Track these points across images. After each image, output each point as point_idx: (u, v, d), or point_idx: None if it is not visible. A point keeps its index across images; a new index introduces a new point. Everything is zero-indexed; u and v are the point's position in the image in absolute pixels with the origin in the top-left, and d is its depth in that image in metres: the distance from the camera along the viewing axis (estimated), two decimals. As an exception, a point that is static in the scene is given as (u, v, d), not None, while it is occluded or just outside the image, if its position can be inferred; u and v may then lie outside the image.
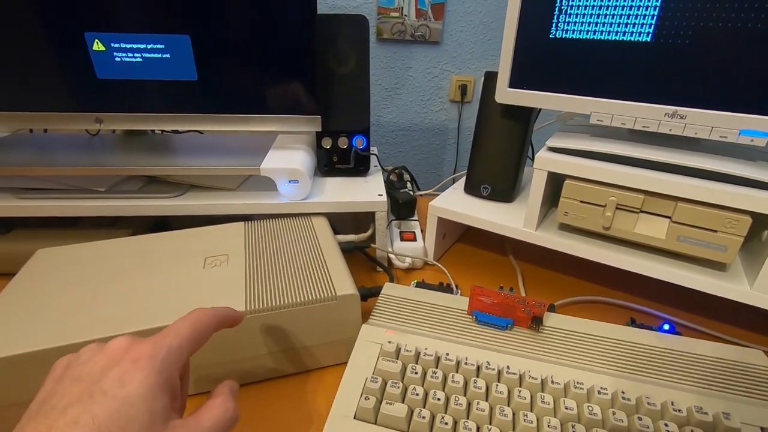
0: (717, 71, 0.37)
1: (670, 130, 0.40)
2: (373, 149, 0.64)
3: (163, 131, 0.66)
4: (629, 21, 0.39)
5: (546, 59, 0.44)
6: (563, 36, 0.43)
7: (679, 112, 0.40)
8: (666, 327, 0.44)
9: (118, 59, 0.48)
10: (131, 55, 0.48)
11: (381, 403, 0.32)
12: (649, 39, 0.39)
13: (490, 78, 0.52)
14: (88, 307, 0.36)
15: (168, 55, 0.49)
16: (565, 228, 0.49)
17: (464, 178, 0.60)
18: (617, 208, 0.43)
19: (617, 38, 0.40)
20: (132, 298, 0.37)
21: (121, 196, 0.51)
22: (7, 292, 0.38)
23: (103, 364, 0.23)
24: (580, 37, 0.42)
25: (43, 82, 0.49)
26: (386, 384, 0.33)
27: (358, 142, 0.58)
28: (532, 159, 0.64)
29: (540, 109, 0.55)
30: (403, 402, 0.32)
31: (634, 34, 0.39)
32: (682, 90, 0.39)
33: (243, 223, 0.49)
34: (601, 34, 0.41)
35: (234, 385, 0.28)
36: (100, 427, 0.20)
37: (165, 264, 0.41)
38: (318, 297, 0.37)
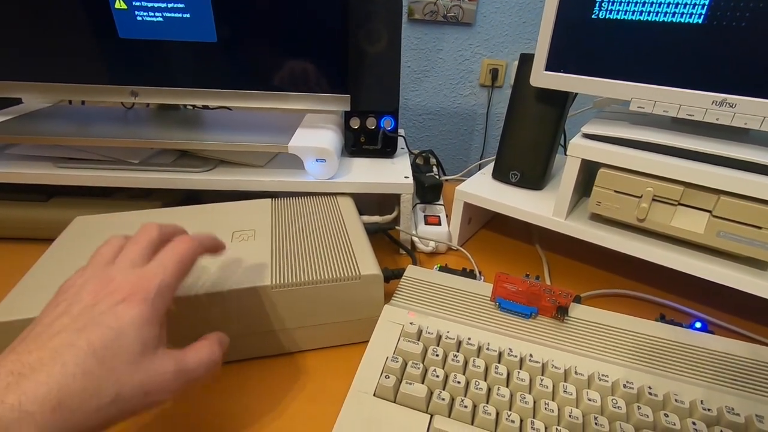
0: (773, 57, 0.35)
1: (718, 119, 0.38)
2: (401, 131, 0.63)
3: (194, 107, 0.67)
4: (681, 1, 0.37)
5: (586, 41, 0.42)
6: (607, 17, 0.41)
7: (728, 100, 0.37)
8: (698, 325, 0.43)
9: (139, 18, 0.49)
10: (152, 14, 0.48)
11: (401, 382, 0.32)
12: (701, 21, 0.37)
13: (526, 60, 0.50)
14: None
15: (188, 15, 0.49)
16: (597, 218, 0.48)
17: (492, 164, 0.59)
18: (654, 200, 0.41)
19: (666, 20, 0.38)
20: (163, 267, 0.38)
21: (154, 169, 0.52)
22: (47, 256, 0.40)
23: (95, 297, 0.24)
24: (626, 18, 0.40)
25: (68, 43, 0.50)
26: (407, 364, 0.34)
27: (386, 123, 0.57)
28: (564, 147, 0.62)
29: (576, 95, 0.53)
30: (423, 383, 0.33)
31: (684, 15, 0.37)
32: (734, 76, 0.37)
33: (270, 199, 0.50)
34: (649, 15, 0.39)
35: (224, 337, 0.29)
36: (95, 351, 0.22)
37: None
38: (342, 275, 0.37)
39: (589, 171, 0.48)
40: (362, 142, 0.58)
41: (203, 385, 0.29)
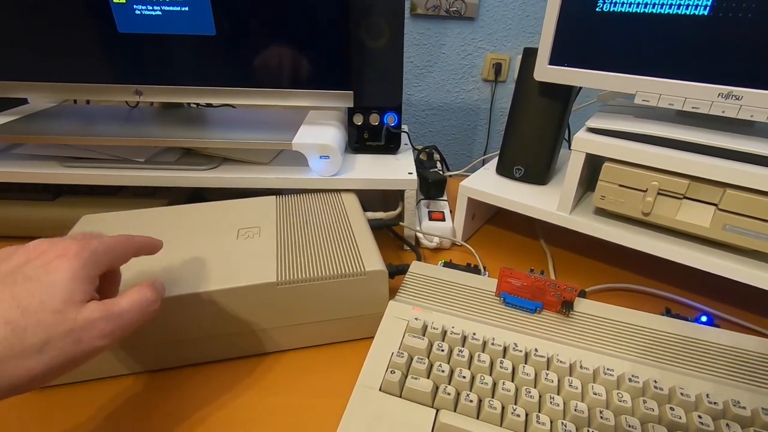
0: (780, 48, 0.35)
1: (723, 111, 0.38)
2: (404, 127, 0.63)
3: (197, 105, 0.68)
4: (686, -7, 0.37)
5: (591, 34, 0.42)
6: (611, 9, 0.40)
7: (734, 92, 0.37)
8: (704, 319, 0.43)
9: (138, 12, 0.49)
10: (150, 7, 0.48)
11: (406, 377, 0.33)
12: (706, 12, 0.36)
13: (530, 54, 0.50)
14: (127, 270, 0.37)
15: (186, 8, 0.49)
16: (601, 213, 0.48)
17: (496, 159, 0.59)
18: (659, 194, 0.41)
19: (671, 12, 0.38)
20: (170, 264, 0.38)
21: (159, 167, 0.53)
22: None
23: (27, 257, 0.24)
24: (630, 10, 0.39)
25: (68, 39, 0.50)
26: (412, 359, 0.34)
27: (390, 119, 0.57)
28: (568, 141, 0.62)
29: (579, 89, 0.53)
30: (428, 378, 0.33)
31: (690, 7, 0.37)
32: (740, 69, 0.37)
33: (274, 197, 0.50)
34: (654, 7, 0.38)
35: (158, 281, 0.29)
36: (19, 303, 0.22)
37: (200, 233, 0.43)
38: (347, 271, 0.38)
39: (593, 165, 0.47)
40: (366, 139, 0.58)
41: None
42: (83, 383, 0.37)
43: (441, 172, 0.67)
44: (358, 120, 0.57)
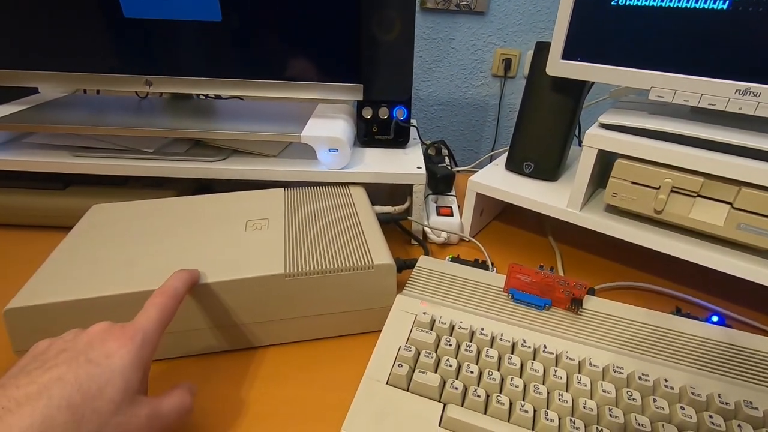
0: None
1: (740, 109, 0.37)
2: (413, 122, 0.63)
3: (206, 96, 0.68)
4: (705, -14, 0.36)
5: (605, 28, 0.42)
6: (627, 3, 0.40)
7: (752, 89, 0.36)
8: (715, 319, 0.42)
9: None
10: None
11: (414, 371, 0.32)
12: (725, 6, 0.36)
13: (542, 49, 0.49)
14: (137, 260, 0.38)
15: None
16: (612, 210, 0.47)
17: (504, 155, 0.58)
18: (672, 191, 0.41)
19: (689, 5, 0.37)
20: (178, 255, 0.38)
21: (168, 158, 0.53)
22: (65, 243, 0.40)
23: (88, 340, 0.25)
24: (646, 4, 0.39)
25: (74, 25, 0.50)
26: (419, 353, 0.34)
27: (399, 113, 0.57)
28: (579, 138, 0.61)
29: (592, 84, 0.52)
30: (435, 372, 0.33)
31: (708, 1, 0.36)
32: (758, 65, 0.36)
33: (283, 189, 0.50)
34: (671, 1, 0.38)
35: (193, 385, 0.31)
36: (81, 385, 0.23)
37: (209, 224, 0.43)
38: (355, 265, 0.38)
39: (604, 162, 0.47)
40: (374, 132, 0.58)
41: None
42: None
43: (449, 167, 0.67)
44: (368, 113, 0.57)
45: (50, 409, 0.21)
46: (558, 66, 0.45)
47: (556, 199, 0.50)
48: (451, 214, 0.57)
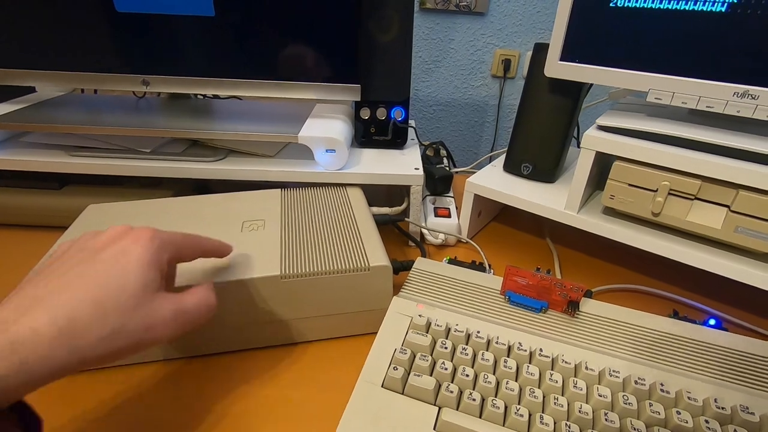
0: (800, 47, 0.34)
1: (738, 111, 0.37)
2: (411, 123, 0.62)
3: (204, 96, 0.67)
4: (703, -12, 0.36)
5: (604, 30, 0.41)
6: (625, 4, 0.40)
7: (750, 91, 0.36)
8: (712, 322, 0.42)
9: None
10: None
11: (409, 374, 0.32)
12: (723, 9, 0.36)
13: (540, 50, 0.49)
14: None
15: None
16: (610, 212, 0.47)
17: (503, 156, 0.58)
18: (670, 194, 0.40)
19: (687, 7, 0.37)
20: (173, 256, 0.38)
21: (164, 158, 0.53)
22: (61, 242, 0.40)
23: (105, 239, 0.26)
24: (645, 5, 0.39)
25: (67, 20, 0.50)
26: (415, 356, 0.34)
27: (397, 114, 0.57)
28: (577, 139, 0.61)
29: (590, 86, 0.52)
30: (431, 375, 0.32)
31: (707, 3, 0.36)
32: (757, 67, 0.36)
33: (279, 190, 0.49)
34: (669, 3, 0.37)
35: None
36: (101, 281, 0.23)
37: (205, 225, 0.43)
38: (351, 266, 0.37)
39: (602, 164, 0.47)
40: (372, 133, 0.58)
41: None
42: (102, 370, 0.37)
43: (447, 168, 0.66)
44: (365, 114, 0.56)
45: (75, 302, 0.22)
46: (556, 67, 0.45)
47: (554, 200, 0.49)
48: (448, 216, 0.57)
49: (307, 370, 0.38)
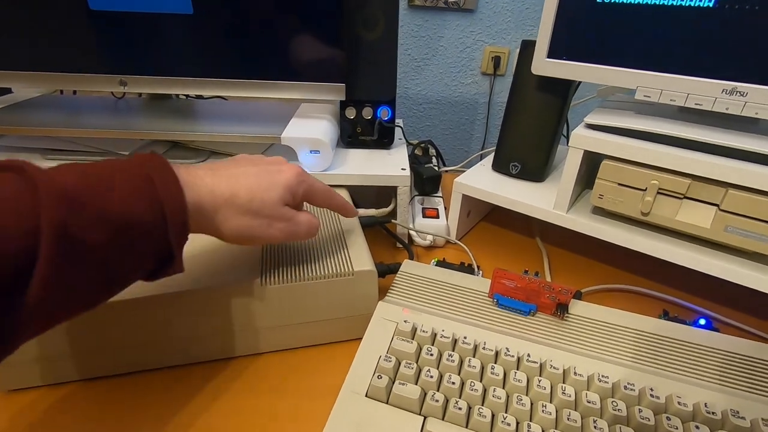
0: (787, 43, 0.33)
1: (727, 108, 0.36)
2: (398, 122, 0.61)
3: (187, 96, 0.66)
4: (691, -17, 0.35)
5: (591, 27, 0.41)
6: (613, 0, 0.39)
7: (738, 88, 0.36)
8: (702, 322, 0.42)
9: None
10: None
11: (394, 383, 0.31)
12: (711, 4, 0.35)
13: (527, 47, 0.48)
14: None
15: None
16: (599, 212, 0.46)
17: (492, 155, 0.57)
18: (659, 193, 0.40)
19: (675, 3, 0.36)
20: (150, 263, 0.37)
21: (144, 161, 0.51)
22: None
23: (269, 160, 0.34)
24: (632, 1, 0.38)
25: (41, 19, 0.48)
26: (400, 364, 0.33)
27: (383, 113, 0.56)
28: (567, 137, 0.61)
29: (579, 83, 0.51)
30: (416, 383, 0.32)
31: (695, -1, 0.35)
32: (745, 64, 0.35)
33: (263, 192, 0.48)
34: (657, -1, 0.37)
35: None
36: (258, 180, 0.31)
37: (184, 230, 0.41)
38: (335, 271, 0.36)
39: (592, 163, 0.46)
40: (358, 133, 0.57)
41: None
42: (63, 384, 0.35)
43: (436, 168, 0.66)
44: (351, 113, 0.55)
45: (239, 185, 0.30)
46: (543, 65, 0.44)
47: (543, 200, 0.49)
48: (437, 216, 0.56)
49: (289, 378, 0.37)
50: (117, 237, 0.24)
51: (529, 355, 0.33)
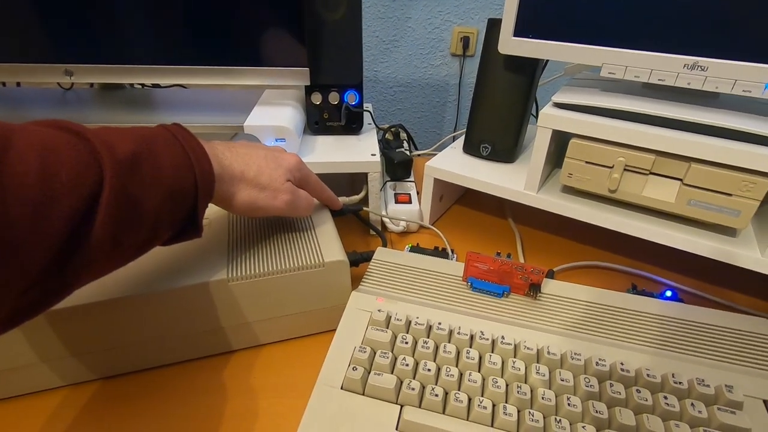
0: (744, 17, 0.34)
1: (689, 83, 0.37)
2: (368, 106, 0.60)
3: (143, 85, 0.62)
4: (652, -44, 0.35)
5: (556, 4, 0.40)
6: (576, -24, 0.38)
7: (699, 63, 0.36)
8: (668, 294, 0.43)
9: None
10: None
11: (369, 373, 0.31)
12: (672, -21, 0.35)
13: (494, 26, 0.48)
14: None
15: None
16: (569, 191, 0.47)
17: (463, 137, 0.57)
18: (625, 170, 0.40)
19: (637, -23, 0.36)
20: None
21: (97, 156, 0.48)
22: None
23: (273, 147, 0.38)
24: (595, -24, 0.37)
25: None
26: (375, 354, 0.32)
27: (350, 98, 0.54)
28: (536, 116, 0.61)
29: (546, 62, 0.51)
30: (392, 373, 0.31)
31: (656, -27, 0.35)
32: (705, 38, 0.35)
33: (227, 184, 0.46)
34: (619, -27, 0.36)
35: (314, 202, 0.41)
36: (266, 160, 0.35)
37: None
38: (304, 263, 0.35)
39: (560, 142, 0.46)
40: (325, 119, 0.55)
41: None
42: (34, 395, 0.33)
43: (407, 152, 0.65)
44: (317, 99, 0.53)
45: (248, 164, 0.33)
46: (510, 44, 0.43)
47: (513, 181, 0.49)
48: (409, 201, 0.56)
49: (261, 375, 0.36)
50: (164, 201, 0.26)
51: (503, 337, 0.33)
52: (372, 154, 0.51)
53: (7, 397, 0.33)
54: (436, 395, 0.29)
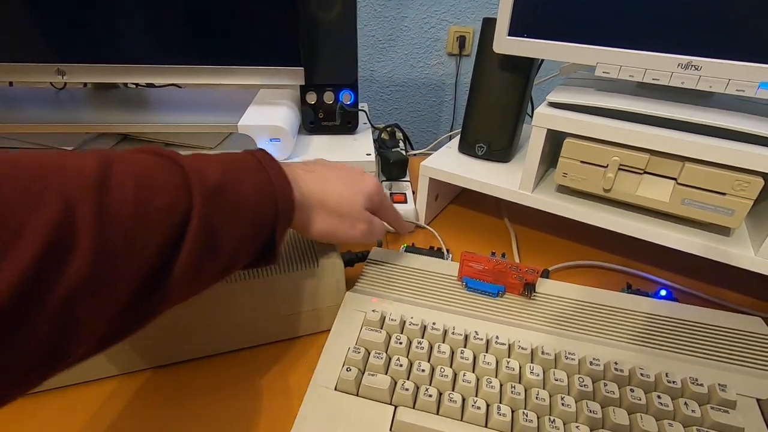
0: (738, 17, 0.34)
1: (683, 83, 0.37)
2: (363, 105, 0.60)
3: (137, 85, 0.62)
4: (646, -44, 0.35)
5: (550, 3, 0.40)
6: (571, -25, 0.38)
7: (693, 62, 0.36)
8: (663, 293, 0.43)
9: None
10: None
11: (363, 374, 0.31)
12: (666, -23, 0.35)
13: (489, 25, 0.48)
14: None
15: None
16: (564, 190, 0.47)
17: (459, 137, 0.57)
18: (620, 169, 0.40)
19: (631, -23, 0.36)
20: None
21: (90, 156, 0.48)
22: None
23: (349, 168, 0.37)
24: (590, -24, 0.37)
25: None
26: (369, 354, 0.32)
27: (345, 97, 0.54)
28: (531, 116, 0.61)
29: (542, 61, 0.51)
30: (386, 373, 0.31)
31: (650, -28, 0.35)
32: (698, 38, 0.36)
33: (222, 184, 0.46)
34: (613, -27, 0.36)
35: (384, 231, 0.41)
36: (345, 187, 0.34)
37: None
38: (299, 264, 0.35)
39: (555, 141, 0.46)
40: (321, 118, 0.55)
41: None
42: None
43: (403, 152, 0.64)
44: (312, 99, 0.53)
45: (328, 186, 0.33)
46: (505, 43, 0.43)
47: (509, 180, 0.49)
48: (405, 201, 0.56)
49: (256, 377, 0.36)
50: (245, 230, 0.26)
51: (497, 337, 0.33)
52: (367, 154, 0.51)
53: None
54: (430, 396, 0.29)
